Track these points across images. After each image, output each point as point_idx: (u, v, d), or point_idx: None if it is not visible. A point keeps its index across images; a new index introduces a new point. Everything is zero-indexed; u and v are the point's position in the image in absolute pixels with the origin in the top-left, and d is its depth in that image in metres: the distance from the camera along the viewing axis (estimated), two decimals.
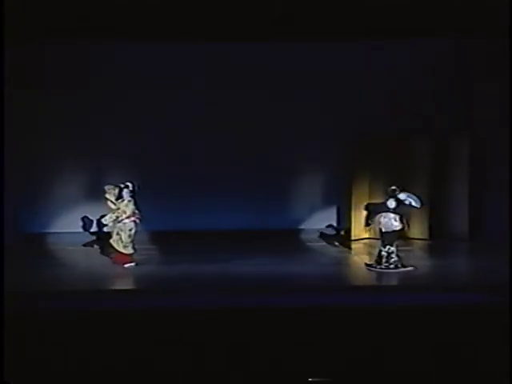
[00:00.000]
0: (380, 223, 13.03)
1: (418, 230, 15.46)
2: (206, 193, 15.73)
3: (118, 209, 13.19)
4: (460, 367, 8.37)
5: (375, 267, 12.88)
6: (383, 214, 12.99)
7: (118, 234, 13.22)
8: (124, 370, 8.42)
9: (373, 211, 13.32)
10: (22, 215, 15.39)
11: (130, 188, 13.20)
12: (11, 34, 11.49)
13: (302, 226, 16.36)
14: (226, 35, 14.13)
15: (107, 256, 14.01)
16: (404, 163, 15.60)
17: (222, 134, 15.81)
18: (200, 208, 15.59)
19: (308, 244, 15.67)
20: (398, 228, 12.90)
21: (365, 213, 14.00)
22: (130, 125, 15.72)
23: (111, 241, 13.28)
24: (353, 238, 15.61)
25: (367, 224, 13.89)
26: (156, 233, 15.35)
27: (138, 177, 14.47)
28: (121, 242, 13.19)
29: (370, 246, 15.32)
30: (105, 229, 15.17)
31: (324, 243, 15.55)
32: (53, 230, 15.85)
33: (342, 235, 16.01)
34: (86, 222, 15.84)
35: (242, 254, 14.19)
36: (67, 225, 15.85)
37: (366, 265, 13.13)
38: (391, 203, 12.94)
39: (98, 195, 15.68)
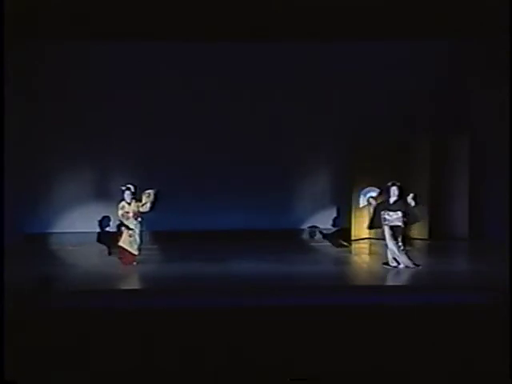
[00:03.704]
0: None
1: (417, 230, 15.47)
2: (206, 193, 15.74)
3: (127, 212, 13.18)
4: (460, 367, 8.37)
5: (390, 265, 12.92)
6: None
7: (130, 235, 13.20)
8: (124, 370, 8.42)
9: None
10: (24, 215, 15.40)
11: (132, 190, 13.20)
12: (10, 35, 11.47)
13: (302, 226, 16.37)
14: (227, 35, 14.18)
15: (107, 256, 14.02)
16: (404, 163, 15.61)
17: (222, 134, 15.82)
18: (200, 208, 15.60)
19: (308, 244, 15.68)
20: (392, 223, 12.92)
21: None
22: (130, 126, 15.73)
23: (121, 243, 13.17)
24: (353, 238, 15.62)
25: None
26: (156, 233, 15.35)
27: (137, 177, 14.49)
28: (135, 243, 13.17)
29: (370, 245, 15.36)
30: (107, 229, 15.26)
31: (324, 243, 15.56)
32: (54, 230, 15.86)
33: (342, 235, 16.01)
34: (88, 222, 15.84)
35: (242, 254, 14.20)
36: (68, 225, 15.86)
37: (383, 263, 13.11)
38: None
39: (98, 195, 15.77)
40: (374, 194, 13.31)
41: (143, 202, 13.14)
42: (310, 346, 8.78)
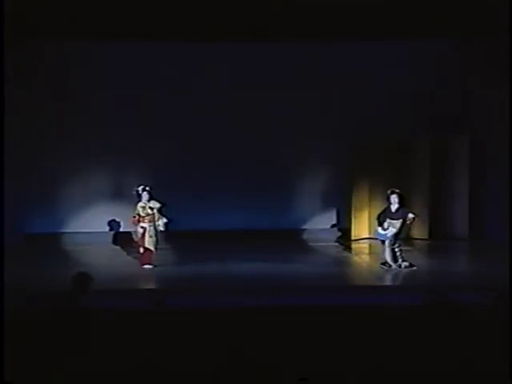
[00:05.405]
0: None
1: (417, 230, 15.47)
2: (206, 193, 15.73)
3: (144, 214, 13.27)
4: (460, 367, 8.36)
5: (389, 266, 12.91)
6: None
7: (151, 236, 13.26)
8: (124, 370, 8.41)
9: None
10: (24, 215, 15.39)
11: (148, 189, 13.28)
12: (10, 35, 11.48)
13: (303, 227, 16.36)
14: (227, 35, 14.17)
15: (109, 256, 14.03)
16: (404, 163, 15.61)
17: (222, 134, 15.81)
18: (200, 208, 15.60)
19: (308, 244, 15.68)
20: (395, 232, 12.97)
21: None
22: (130, 126, 15.72)
23: (147, 244, 13.26)
24: (353, 238, 15.62)
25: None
26: None
27: (138, 178, 14.49)
28: (156, 243, 13.28)
29: (370, 245, 15.34)
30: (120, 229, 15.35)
31: (324, 243, 15.55)
32: (54, 230, 15.84)
33: (342, 235, 16.01)
34: (88, 222, 15.84)
35: (242, 254, 14.20)
36: (68, 225, 15.87)
37: (381, 264, 13.11)
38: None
39: (98, 195, 15.76)
40: None
41: (157, 219, 13.20)
42: (309, 346, 8.77)
